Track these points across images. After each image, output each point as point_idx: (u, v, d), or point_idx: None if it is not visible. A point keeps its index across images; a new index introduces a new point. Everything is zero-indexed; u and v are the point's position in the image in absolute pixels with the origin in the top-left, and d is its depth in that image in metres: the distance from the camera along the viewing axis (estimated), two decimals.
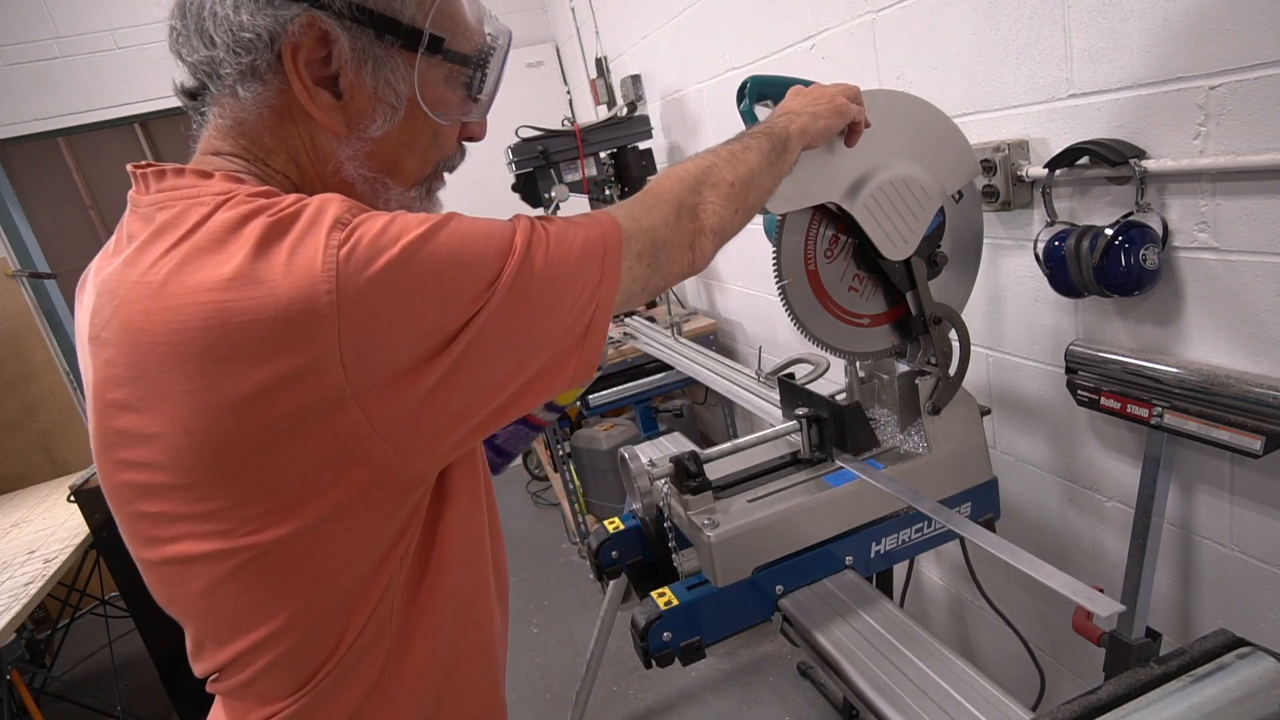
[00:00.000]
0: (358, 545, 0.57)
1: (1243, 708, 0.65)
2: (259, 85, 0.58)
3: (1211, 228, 0.99)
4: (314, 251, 0.49)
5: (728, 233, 0.75)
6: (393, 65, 0.59)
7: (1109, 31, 1.03)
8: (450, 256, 0.52)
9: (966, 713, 0.81)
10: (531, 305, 0.55)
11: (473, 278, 0.53)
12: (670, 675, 2.32)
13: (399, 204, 0.65)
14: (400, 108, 0.61)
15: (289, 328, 0.48)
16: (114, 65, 3.32)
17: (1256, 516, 1.06)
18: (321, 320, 0.48)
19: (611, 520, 1.28)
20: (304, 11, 0.55)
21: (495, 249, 0.55)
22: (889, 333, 1.14)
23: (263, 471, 0.52)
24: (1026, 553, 0.83)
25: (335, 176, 0.62)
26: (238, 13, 0.55)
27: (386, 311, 0.50)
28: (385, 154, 0.62)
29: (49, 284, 3.46)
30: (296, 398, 0.49)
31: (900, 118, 1.03)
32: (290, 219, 0.51)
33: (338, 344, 0.49)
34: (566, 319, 0.58)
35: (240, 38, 0.55)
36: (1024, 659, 1.44)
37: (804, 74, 1.18)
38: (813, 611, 1.02)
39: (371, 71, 0.59)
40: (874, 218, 1.02)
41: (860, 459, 1.15)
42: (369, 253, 0.50)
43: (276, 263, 0.49)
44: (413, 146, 0.64)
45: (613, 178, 2.73)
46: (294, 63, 0.56)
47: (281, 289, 0.48)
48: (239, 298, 0.49)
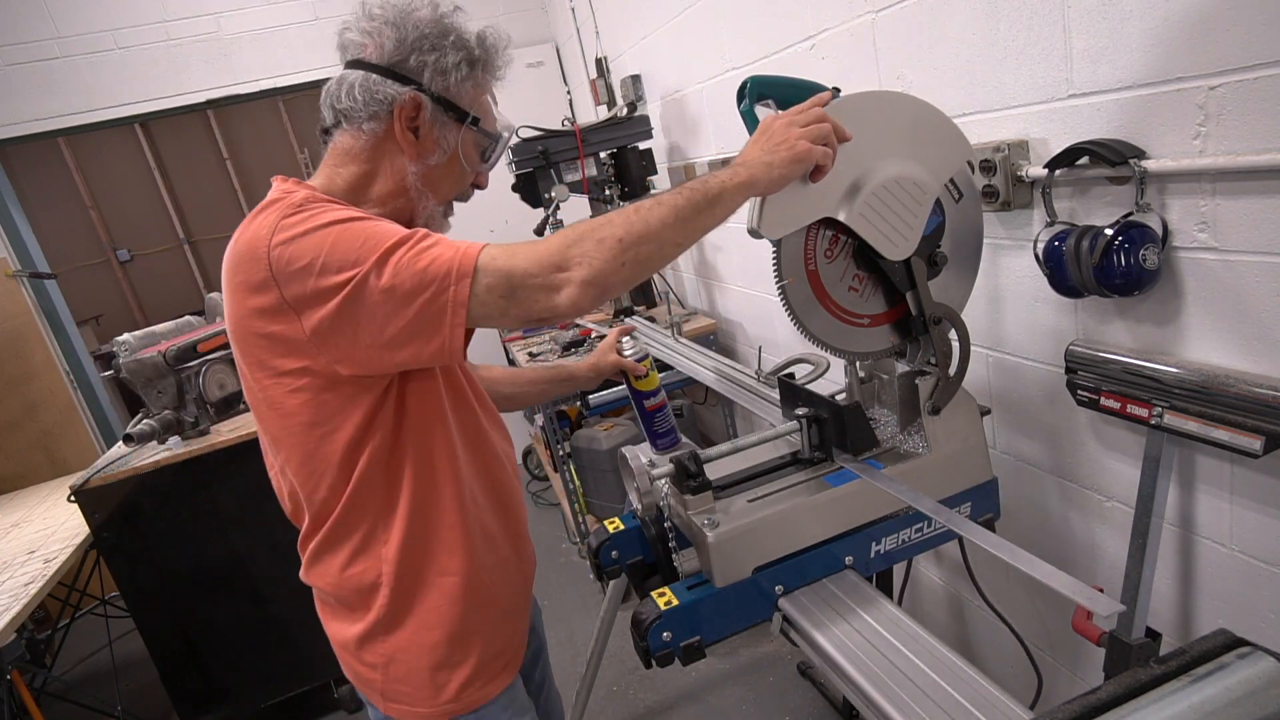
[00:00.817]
0: (336, 416, 0.93)
1: (1243, 708, 0.65)
2: (375, 125, 0.97)
3: (1211, 228, 0.99)
4: (274, 218, 0.88)
5: (611, 283, 0.85)
6: (450, 128, 0.99)
7: (1109, 31, 1.03)
8: (334, 241, 0.85)
9: (966, 712, 0.81)
10: (373, 297, 0.84)
11: (342, 262, 0.84)
12: (670, 675, 2.32)
13: (429, 212, 1.02)
14: (448, 153, 1.00)
15: (256, 257, 0.87)
16: (114, 65, 3.32)
17: (1256, 516, 1.06)
18: (264, 255, 0.86)
19: (611, 520, 1.28)
20: (413, 91, 0.95)
21: (365, 251, 0.84)
22: (889, 333, 1.14)
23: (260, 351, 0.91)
24: (1026, 553, 0.83)
25: (401, 184, 1.00)
26: (381, 87, 0.95)
27: (295, 258, 0.84)
28: (431, 177, 1.01)
29: (49, 284, 3.45)
30: (268, 300, 0.87)
31: (884, 118, 1.02)
32: (277, 204, 0.91)
33: (270, 270, 0.85)
34: (413, 309, 0.84)
35: (377, 100, 0.95)
36: (1023, 659, 1.45)
37: (804, 74, 1.18)
38: (813, 611, 1.02)
39: (438, 129, 0.98)
40: (871, 223, 1.02)
41: (860, 459, 1.15)
42: (296, 223, 0.86)
43: (263, 223, 0.89)
44: (446, 178, 1.02)
45: (613, 178, 2.73)
46: (400, 116, 0.96)
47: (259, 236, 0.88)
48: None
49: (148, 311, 6.06)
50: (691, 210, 0.88)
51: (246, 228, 0.90)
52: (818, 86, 1.10)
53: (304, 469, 0.96)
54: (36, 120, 3.27)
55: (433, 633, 1.01)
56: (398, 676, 1.02)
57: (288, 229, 0.85)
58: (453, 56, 0.96)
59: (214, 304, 2.77)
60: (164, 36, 3.37)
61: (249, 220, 0.92)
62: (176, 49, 3.39)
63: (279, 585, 2.32)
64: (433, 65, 0.95)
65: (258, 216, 0.90)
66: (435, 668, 1.02)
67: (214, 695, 2.34)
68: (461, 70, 0.97)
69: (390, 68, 0.95)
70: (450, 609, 1.02)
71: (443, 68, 0.96)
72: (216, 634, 2.30)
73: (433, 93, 0.96)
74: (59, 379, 3.44)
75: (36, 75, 3.23)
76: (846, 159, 0.98)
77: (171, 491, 2.18)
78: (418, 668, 1.02)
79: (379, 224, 0.87)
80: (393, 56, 0.95)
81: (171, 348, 2.20)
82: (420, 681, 1.02)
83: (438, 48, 0.95)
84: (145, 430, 2.15)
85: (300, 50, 3.54)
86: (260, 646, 2.35)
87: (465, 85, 0.98)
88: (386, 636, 1.01)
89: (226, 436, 2.21)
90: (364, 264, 0.83)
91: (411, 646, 1.01)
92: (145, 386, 2.21)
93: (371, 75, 0.95)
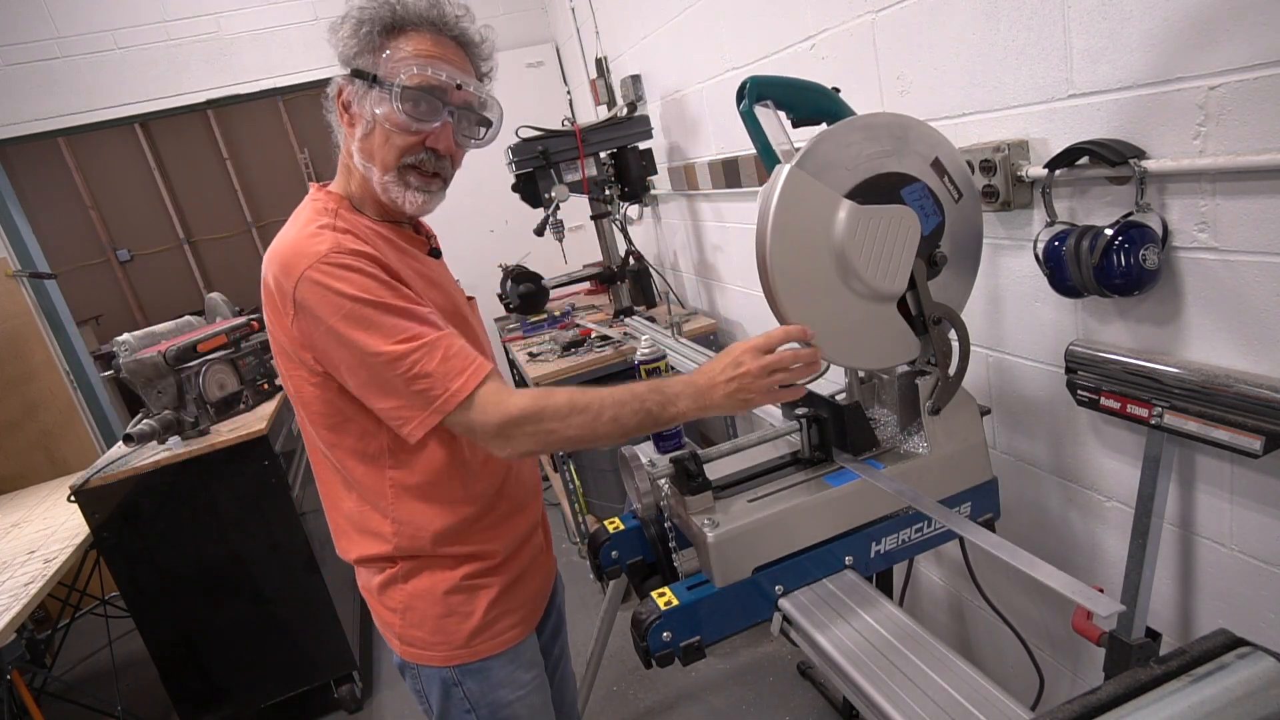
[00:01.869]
0: (339, 398, 1.03)
1: (1243, 708, 0.65)
2: (337, 118, 1.07)
3: (1211, 228, 0.99)
4: (317, 247, 0.98)
5: (542, 456, 1.00)
6: (366, 96, 1.01)
7: (1109, 32, 1.03)
8: (348, 314, 0.95)
9: (966, 712, 0.81)
10: (368, 374, 0.97)
11: (352, 331, 0.96)
12: (670, 675, 2.32)
13: (383, 185, 1.04)
14: (370, 121, 1.02)
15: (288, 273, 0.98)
16: (114, 65, 3.32)
17: (1256, 516, 1.06)
18: (295, 277, 0.96)
19: (611, 520, 1.28)
20: (339, 76, 1.03)
21: (373, 341, 0.96)
22: None
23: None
24: (1026, 553, 0.83)
25: (356, 165, 1.06)
26: (331, 88, 1.05)
27: (315, 305, 0.96)
28: (367, 149, 1.04)
29: (49, 284, 3.45)
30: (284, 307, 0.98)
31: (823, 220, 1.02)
32: (315, 224, 1.03)
33: (294, 296, 0.96)
34: (391, 405, 0.98)
35: (329, 98, 1.06)
36: (1023, 659, 1.45)
37: (804, 74, 1.18)
38: (813, 611, 1.02)
39: (358, 101, 1.02)
40: (872, 262, 1.04)
41: (860, 459, 1.15)
42: (330, 275, 0.96)
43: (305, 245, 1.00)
44: (379, 143, 1.02)
45: (613, 178, 2.73)
46: (339, 102, 1.04)
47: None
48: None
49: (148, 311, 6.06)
50: (639, 430, 1.00)
51: (289, 229, 1.02)
52: (818, 86, 1.10)
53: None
54: (36, 120, 3.27)
55: (443, 583, 1.11)
56: (413, 622, 1.12)
57: (322, 275, 0.95)
58: (346, 25, 1.00)
59: (214, 304, 2.77)
60: (164, 36, 3.37)
61: (295, 219, 1.04)
62: (176, 49, 3.39)
63: (279, 585, 2.32)
64: (338, 39, 1.01)
65: (302, 222, 1.02)
66: (444, 615, 1.11)
67: (214, 695, 2.34)
68: (352, 34, 1.00)
69: (340, 63, 1.04)
70: (458, 566, 1.11)
71: (344, 38, 1.01)
72: (216, 634, 2.30)
73: (345, 66, 1.02)
74: (59, 379, 3.44)
75: (36, 75, 3.23)
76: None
77: (171, 491, 2.18)
78: (430, 615, 1.11)
79: (396, 320, 0.96)
80: (334, 48, 1.04)
81: (171, 348, 2.20)
82: (432, 628, 1.11)
83: (342, 22, 1.01)
84: (145, 430, 2.15)
85: (300, 50, 3.54)
86: (260, 646, 2.35)
87: (361, 45, 1.00)
88: (403, 584, 1.11)
89: (226, 436, 2.21)
90: (368, 348, 0.94)
91: (424, 594, 1.11)
92: (145, 386, 2.21)
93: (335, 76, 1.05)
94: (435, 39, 1.01)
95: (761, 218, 1.00)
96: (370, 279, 0.95)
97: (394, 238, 1.09)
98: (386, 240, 1.07)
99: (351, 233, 1.00)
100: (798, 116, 1.11)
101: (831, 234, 1.01)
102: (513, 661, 1.16)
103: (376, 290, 0.95)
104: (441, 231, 1.25)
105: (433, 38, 1.01)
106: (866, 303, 1.05)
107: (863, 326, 1.06)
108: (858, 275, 1.02)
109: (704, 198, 2.66)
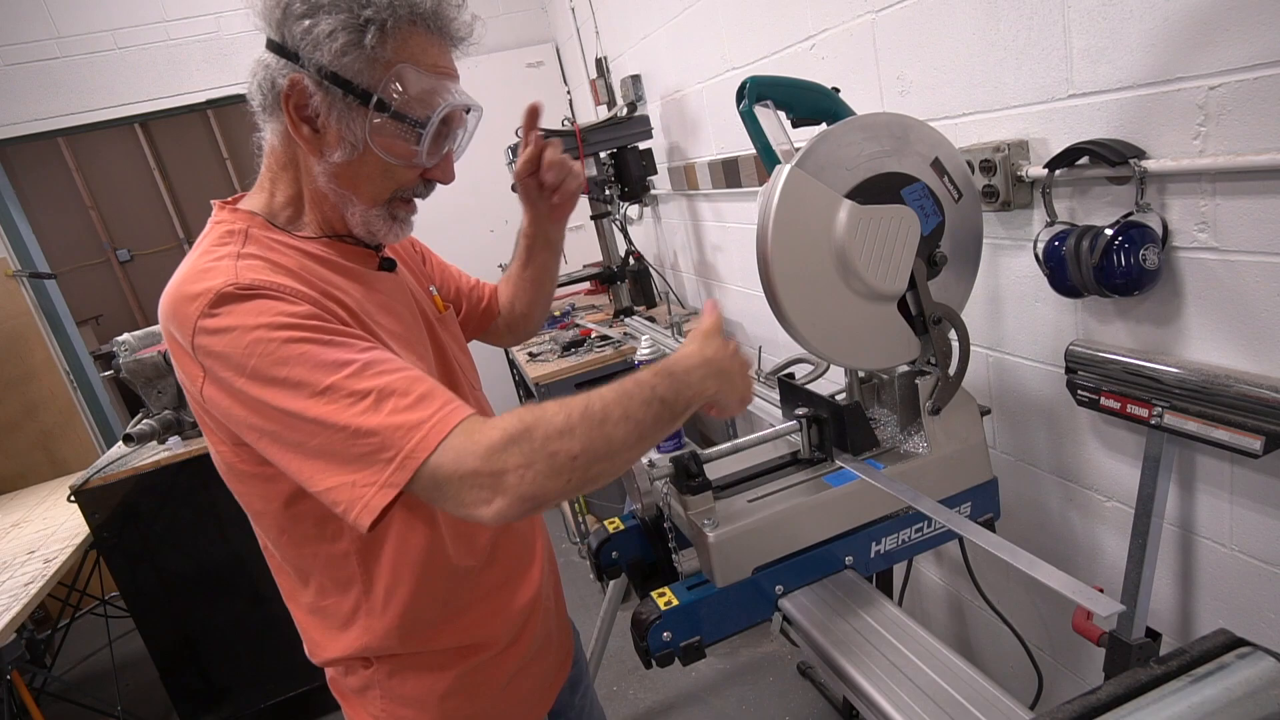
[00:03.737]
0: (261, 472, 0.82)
1: (1243, 708, 0.65)
2: (276, 118, 0.82)
3: (1211, 228, 0.99)
4: (201, 293, 0.76)
5: (550, 501, 0.71)
6: (354, 113, 0.79)
7: (1109, 31, 1.03)
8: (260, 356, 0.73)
9: (966, 712, 0.81)
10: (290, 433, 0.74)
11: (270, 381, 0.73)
12: (670, 675, 2.32)
13: (363, 218, 0.85)
14: (359, 146, 0.80)
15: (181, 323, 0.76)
16: (114, 65, 3.32)
17: (1256, 516, 1.06)
18: (189, 326, 0.74)
19: (611, 520, 1.28)
20: (292, 72, 0.77)
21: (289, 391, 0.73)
22: None
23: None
24: (1026, 553, 0.83)
25: (315, 187, 0.84)
26: (263, 74, 0.80)
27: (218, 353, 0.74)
28: (346, 176, 0.83)
29: (49, 284, 3.45)
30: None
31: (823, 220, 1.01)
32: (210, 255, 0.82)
33: (193, 346, 0.74)
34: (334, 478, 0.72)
35: (268, 85, 0.80)
36: (1023, 659, 1.45)
37: (804, 74, 1.18)
38: (813, 611, 1.02)
39: (335, 116, 0.79)
40: (873, 262, 1.03)
41: (860, 459, 1.15)
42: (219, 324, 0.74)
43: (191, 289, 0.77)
44: (369, 176, 0.83)
45: (613, 178, 2.73)
46: (286, 105, 0.79)
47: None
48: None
49: (148, 311, 6.06)
50: (655, 427, 0.77)
51: (181, 266, 0.80)
52: (818, 86, 1.10)
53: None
54: (36, 120, 3.27)
55: (438, 686, 0.93)
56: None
57: (219, 320, 0.72)
58: (328, 21, 0.74)
59: None
60: (164, 36, 3.37)
61: (190, 253, 0.82)
62: (176, 49, 3.39)
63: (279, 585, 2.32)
64: (308, 35, 0.75)
65: (196, 256, 0.81)
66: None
67: (214, 695, 2.34)
68: (338, 38, 0.75)
69: (276, 41, 0.77)
70: (452, 665, 0.94)
71: (319, 37, 0.75)
72: (216, 634, 2.30)
73: (317, 70, 0.76)
74: (59, 379, 3.44)
75: (36, 75, 3.23)
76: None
77: (171, 491, 2.18)
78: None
79: (328, 358, 0.72)
80: (273, 25, 0.77)
81: None
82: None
83: (313, 10, 0.75)
84: (145, 430, 2.15)
85: None
86: (260, 646, 2.35)
87: (355, 58, 0.76)
88: (386, 685, 0.93)
89: None
90: (288, 408, 0.71)
91: (413, 702, 0.93)
92: (145, 386, 2.22)
93: (264, 56, 0.79)
94: (439, 45, 0.81)
95: (762, 218, 1.00)
96: (284, 313, 0.73)
97: (329, 254, 0.86)
98: (318, 259, 0.85)
99: (262, 259, 0.79)
100: (798, 116, 1.11)
101: (832, 234, 1.01)
102: None
103: (296, 326, 0.72)
104: (442, 231, 1.23)
105: (437, 43, 0.81)
106: (867, 302, 1.05)
107: (863, 326, 1.06)
108: (858, 275, 1.02)
109: (704, 198, 2.66)
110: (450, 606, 0.92)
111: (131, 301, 6.11)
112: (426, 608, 0.90)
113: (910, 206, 1.04)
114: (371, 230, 0.87)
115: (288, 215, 0.87)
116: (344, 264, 0.87)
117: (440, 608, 0.91)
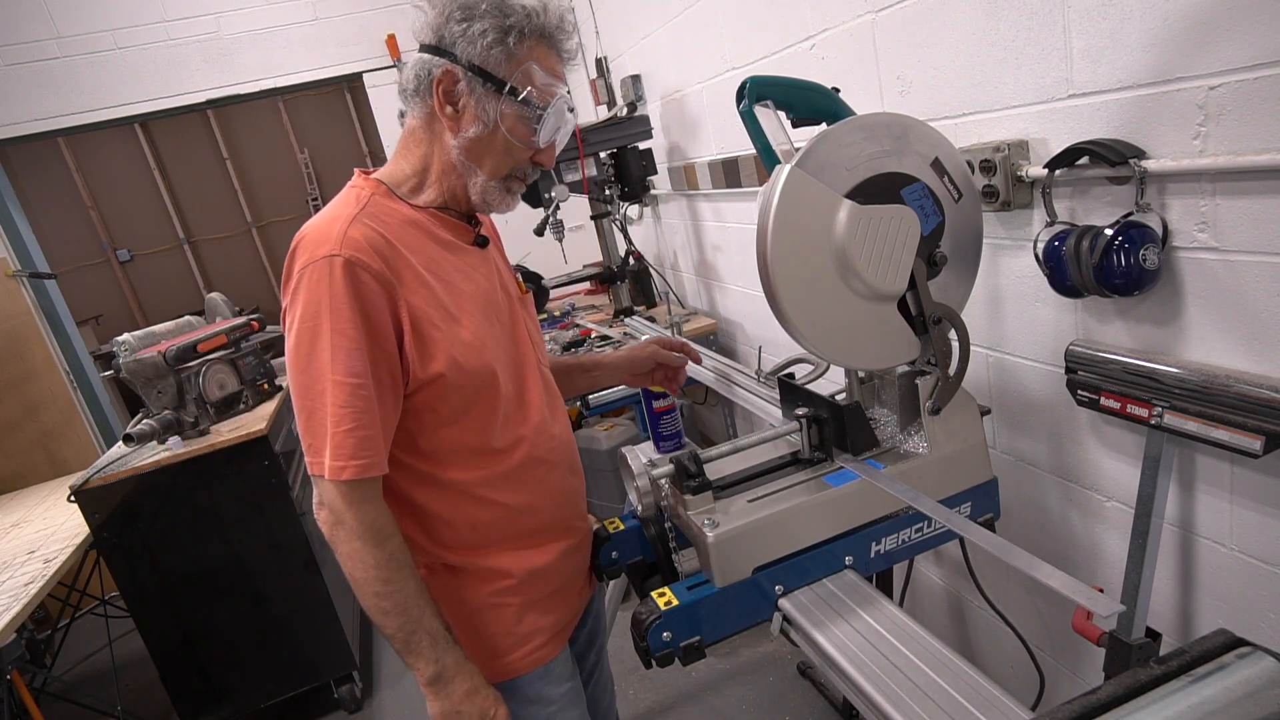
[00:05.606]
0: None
1: (1242, 708, 0.65)
2: (424, 102, 1.02)
3: (1211, 228, 0.99)
4: (314, 250, 0.98)
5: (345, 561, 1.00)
6: (489, 99, 1.00)
7: (1109, 31, 1.03)
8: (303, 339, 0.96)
9: (966, 712, 0.81)
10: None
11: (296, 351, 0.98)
12: (670, 675, 2.32)
13: (482, 188, 1.05)
14: (489, 125, 1.01)
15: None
16: (114, 65, 3.32)
17: (1256, 516, 1.06)
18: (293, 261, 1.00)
19: (611, 520, 1.28)
20: (447, 63, 0.99)
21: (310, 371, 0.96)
22: None
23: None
24: (1026, 553, 0.83)
25: (448, 159, 1.04)
26: (427, 64, 1.00)
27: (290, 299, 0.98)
28: (474, 150, 1.02)
29: (49, 284, 3.45)
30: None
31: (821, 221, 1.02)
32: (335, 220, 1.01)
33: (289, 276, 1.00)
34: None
35: (421, 77, 1.01)
36: (1023, 659, 1.45)
37: (804, 74, 1.18)
38: (813, 611, 1.02)
39: (476, 100, 1.00)
40: (873, 262, 1.03)
41: (860, 459, 1.15)
42: (301, 284, 0.97)
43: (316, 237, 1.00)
44: (494, 151, 1.03)
45: (613, 178, 2.73)
46: (437, 90, 1.00)
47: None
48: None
49: (148, 311, 6.06)
50: (386, 631, 0.99)
51: (323, 215, 1.01)
52: (818, 87, 1.11)
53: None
54: (36, 120, 3.27)
55: (472, 597, 1.10)
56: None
57: (299, 279, 0.95)
58: (480, 24, 0.97)
59: (214, 304, 2.77)
60: (164, 36, 3.37)
61: (329, 207, 1.03)
62: (176, 49, 3.39)
63: (279, 585, 2.32)
64: (464, 35, 0.97)
65: (328, 209, 1.02)
66: (470, 630, 1.10)
67: (214, 695, 2.34)
68: (488, 37, 0.97)
69: (433, 44, 1.00)
70: (488, 582, 1.10)
71: (473, 36, 0.97)
72: (216, 634, 2.30)
73: (467, 63, 0.98)
74: (59, 379, 3.44)
75: (36, 75, 3.23)
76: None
77: (171, 491, 2.18)
78: (455, 627, 1.09)
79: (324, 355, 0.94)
80: (435, 32, 0.99)
81: (171, 348, 2.20)
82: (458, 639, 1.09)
83: (469, 17, 0.97)
84: (145, 430, 2.15)
85: (300, 50, 3.54)
86: (260, 646, 2.35)
87: (498, 53, 0.97)
88: (431, 587, 1.08)
89: (226, 436, 2.21)
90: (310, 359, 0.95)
91: (453, 606, 1.10)
92: (145, 386, 2.22)
93: (422, 55, 1.01)
94: (556, 58, 1.03)
95: (762, 218, 1.00)
96: (346, 303, 0.94)
97: (434, 227, 1.06)
98: (421, 230, 1.04)
99: (374, 227, 0.98)
100: (797, 116, 1.11)
101: (832, 234, 1.01)
102: (543, 678, 1.14)
103: (342, 320, 0.94)
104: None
105: (554, 56, 1.03)
106: (867, 302, 1.05)
107: (863, 326, 1.06)
108: (858, 275, 1.02)
109: (704, 198, 2.66)
110: (496, 536, 1.13)
111: (131, 301, 6.11)
112: (476, 531, 1.11)
113: (910, 206, 1.04)
114: (487, 200, 1.05)
115: (411, 185, 1.06)
116: (442, 235, 1.07)
117: (487, 536, 1.12)
